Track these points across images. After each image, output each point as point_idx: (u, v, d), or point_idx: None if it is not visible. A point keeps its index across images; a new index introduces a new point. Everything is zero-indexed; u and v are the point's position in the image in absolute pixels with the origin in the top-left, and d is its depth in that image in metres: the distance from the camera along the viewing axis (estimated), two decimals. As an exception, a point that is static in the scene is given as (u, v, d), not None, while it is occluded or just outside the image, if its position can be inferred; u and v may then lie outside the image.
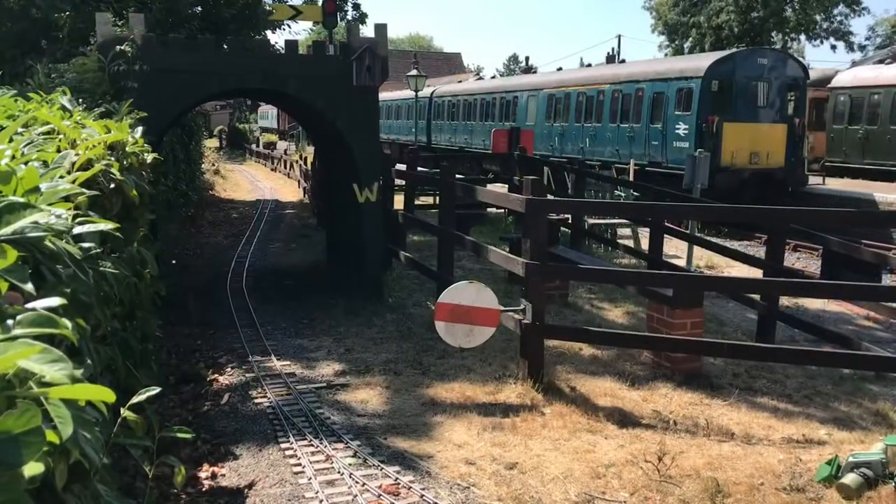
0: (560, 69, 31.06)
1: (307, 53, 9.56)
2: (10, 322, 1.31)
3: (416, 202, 13.18)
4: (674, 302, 6.43)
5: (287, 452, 4.91)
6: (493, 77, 53.65)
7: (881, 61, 26.24)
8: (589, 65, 33.11)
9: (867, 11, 63.56)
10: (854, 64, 29.07)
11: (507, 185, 13.31)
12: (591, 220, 13.69)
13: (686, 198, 10.30)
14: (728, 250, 9.94)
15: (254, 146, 49.13)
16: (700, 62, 19.43)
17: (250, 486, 4.43)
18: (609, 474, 4.47)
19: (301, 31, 54.25)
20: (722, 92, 18.55)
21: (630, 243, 13.23)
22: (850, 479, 4.09)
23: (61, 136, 3.19)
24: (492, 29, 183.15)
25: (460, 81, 38.94)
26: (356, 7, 21.37)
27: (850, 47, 49.76)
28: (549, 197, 10.15)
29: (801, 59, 23.84)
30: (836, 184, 20.68)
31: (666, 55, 48.76)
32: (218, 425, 5.42)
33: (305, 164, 23.26)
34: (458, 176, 10.48)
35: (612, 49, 40.86)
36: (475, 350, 6.46)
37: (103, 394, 1.25)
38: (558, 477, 4.44)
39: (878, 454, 4.17)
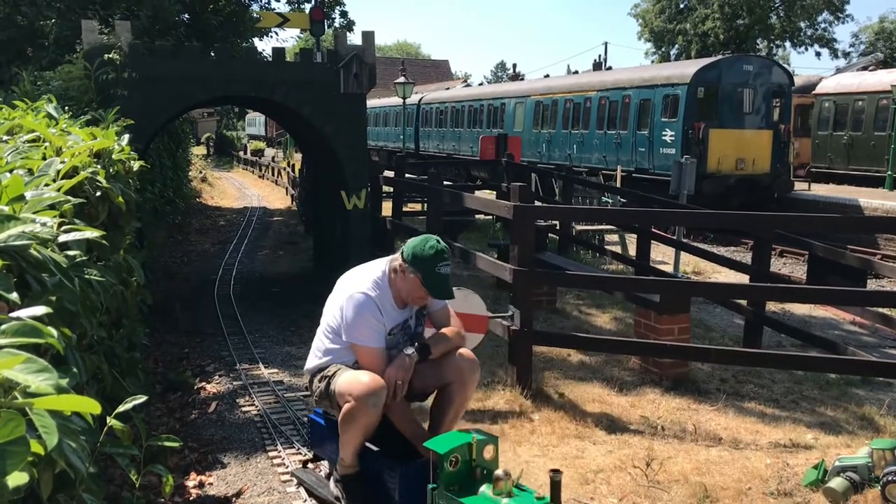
0: (547, 76, 31.17)
1: (294, 61, 9.55)
2: (-6, 331, 1.30)
3: (405, 209, 13.19)
4: (661, 308, 6.45)
5: (275, 461, 4.89)
6: (481, 84, 53.81)
7: (864, 68, 26.50)
8: (576, 72, 33.26)
9: (851, 19, 64.46)
10: (838, 71, 29.34)
11: (494, 192, 13.33)
12: (579, 227, 13.73)
13: (673, 204, 10.35)
14: (715, 256, 9.99)
15: (241, 153, 48.99)
16: (686, 69, 19.56)
17: (238, 494, 4.41)
18: (598, 480, 4.48)
19: (288, 38, 54.20)
20: (708, 98, 18.69)
21: (618, 249, 13.28)
22: (836, 483, 4.11)
23: (47, 144, 3.18)
24: (479, 36, 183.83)
25: (448, 88, 39.00)
26: (343, 14, 21.42)
27: (834, 54, 50.36)
28: (537, 203, 10.19)
29: (786, 65, 24.03)
30: (821, 190, 20.85)
31: (652, 62, 49.10)
32: (205, 434, 5.39)
33: (293, 171, 23.23)
34: (445, 183, 10.50)
35: (599, 56, 41.16)
36: (463, 357, 6.45)
37: (89, 405, 1.25)
38: (547, 483, 4.43)
39: (864, 458, 4.19)
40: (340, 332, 3.74)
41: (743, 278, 9.31)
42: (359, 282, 3.78)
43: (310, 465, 4.32)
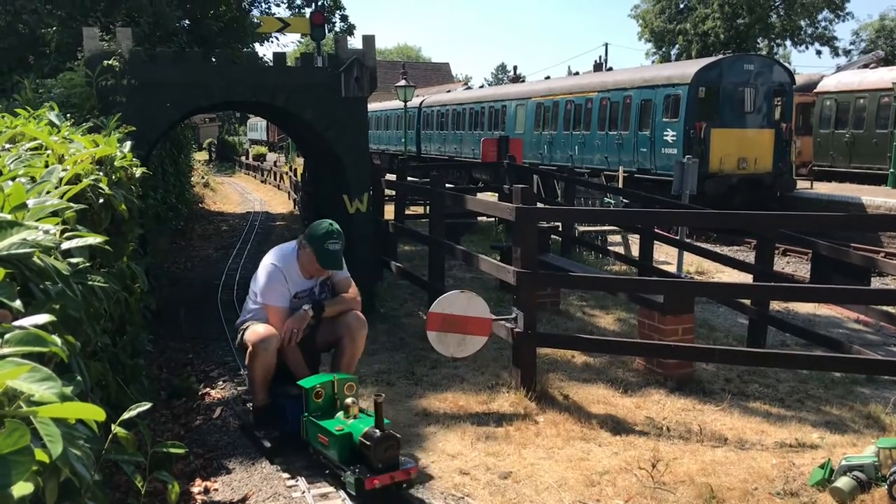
0: (548, 78, 31.18)
1: (295, 65, 9.56)
2: (-2, 340, 1.30)
3: (407, 212, 13.18)
4: (664, 308, 6.44)
5: (280, 466, 4.88)
6: (482, 86, 53.83)
7: (865, 66, 26.46)
8: (577, 73, 33.25)
9: (851, 16, 64.39)
10: (839, 69, 29.30)
11: (497, 194, 13.33)
12: (582, 228, 13.72)
13: (675, 204, 10.34)
14: (718, 256, 9.98)
15: (243, 158, 49.09)
16: (687, 69, 19.55)
17: (243, 500, 4.40)
18: (603, 482, 4.47)
19: (289, 43, 54.27)
20: (709, 98, 18.68)
21: (620, 250, 13.27)
22: (843, 482, 4.10)
23: (49, 152, 3.18)
24: (480, 39, 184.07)
25: (449, 91, 39.02)
26: (344, 19, 21.39)
27: (834, 52, 50.38)
28: (539, 205, 10.16)
29: (786, 64, 24.02)
30: (823, 188, 20.81)
31: (653, 62, 49.09)
32: (210, 439, 5.39)
33: (295, 175, 23.24)
34: (447, 185, 10.48)
35: (600, 57, 41.15)
36: (468, 359, 6.45)
37: (93, 412, 1.25)
38: (552, 485, 4.43)
39: (871, 457, 4.18)
40: (257, 296, 4.88)
41: (746, 278, 9.30)
42: (273, 256, 4.91)
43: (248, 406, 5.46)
